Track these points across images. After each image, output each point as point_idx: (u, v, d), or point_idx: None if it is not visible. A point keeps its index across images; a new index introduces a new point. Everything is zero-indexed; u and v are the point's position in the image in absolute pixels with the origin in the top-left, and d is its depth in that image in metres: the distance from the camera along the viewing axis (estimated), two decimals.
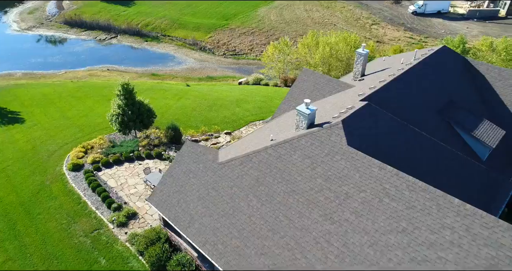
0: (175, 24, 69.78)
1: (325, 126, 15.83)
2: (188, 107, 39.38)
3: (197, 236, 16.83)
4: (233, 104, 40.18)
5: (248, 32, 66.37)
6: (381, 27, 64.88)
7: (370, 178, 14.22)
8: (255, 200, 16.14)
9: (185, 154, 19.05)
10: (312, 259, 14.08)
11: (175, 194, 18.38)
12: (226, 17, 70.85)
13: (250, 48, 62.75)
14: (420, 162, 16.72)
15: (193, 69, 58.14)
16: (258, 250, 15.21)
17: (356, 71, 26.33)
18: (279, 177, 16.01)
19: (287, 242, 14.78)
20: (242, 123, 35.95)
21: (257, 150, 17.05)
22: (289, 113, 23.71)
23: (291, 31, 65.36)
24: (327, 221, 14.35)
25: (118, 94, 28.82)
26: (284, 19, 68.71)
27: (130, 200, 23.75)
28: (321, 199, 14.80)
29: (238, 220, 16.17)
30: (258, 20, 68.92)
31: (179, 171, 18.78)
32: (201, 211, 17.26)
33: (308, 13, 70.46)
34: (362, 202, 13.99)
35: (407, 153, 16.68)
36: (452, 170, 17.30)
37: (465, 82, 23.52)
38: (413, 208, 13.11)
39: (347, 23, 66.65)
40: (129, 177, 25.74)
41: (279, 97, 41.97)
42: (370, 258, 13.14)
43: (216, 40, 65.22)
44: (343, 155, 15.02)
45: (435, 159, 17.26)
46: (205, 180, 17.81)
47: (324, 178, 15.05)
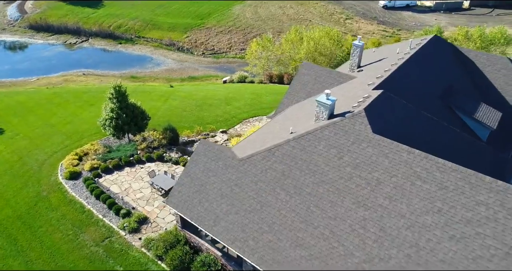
0: (148, 25, 68.12)
1: (347, 116, 16.06)
2: (178, 108, 38.65)
3: (225, 234, 16.58)
4: (222, 102, 39.85)
5: (225, 31, 65.96)
6: (355, 22, 66.54)
7: (399, 163, 14.60)
8: (283, 193, 16.12)
9: (201, 153, 18.69)
10: (349, 246, 14.27)
11: (196, 194, 18.00)
12: (201, 16, 70.05)
13: (228, 47, 62.40)
14: (434, 145, 17.30)
15: (173, 70, 57.05)
16: (292, 242, 15.21)
17: (352, 63, 26.85)
18: (306, 168, 16.08)
19: (322, 232, 14.89)
20: (235, 121, 35.72)
21: (278, 144, 17.02)
22: (295, 106, 23.85)
23: (267, 28, 65.60)
24: (361, 207, 14.59)
25: (111, 98, 27.80)
26: (260, 17, 68.88)
27: (138, 205, 23.00)
28: (352, 187, 15.02)
29: (267, 214, 16.09)
30: (234, 18, 68.64)
31: (197, 171, 18.41)
32: (226, 209, 17.01)
33: (283, 10, 71.02)
34: (394, 187, 14.34)
35: (422, 137, 17.23)
36: (461, 150, 18.06)
37: (458, 69, 24.62)
38: (445, 188, 13.60)
39: (322, 18, 67.81)
40: (132, 182, 24.91)
41: (268, 94, 42.17)
42: (409, 240, 13.51)
43: (193, 40, 64.33)
44: (370, 143, 15.31)
45: (446, 141, 17.96)
46: (227, 178, 17.57)
47: (352, 166, 15.28)
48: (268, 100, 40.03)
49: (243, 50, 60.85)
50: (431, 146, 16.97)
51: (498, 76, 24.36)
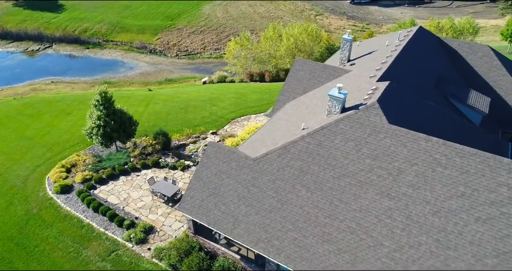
0: (116, 28, 65.71)
1: (361, 108, 16.19)
2: (161, 112, 37.54)
3: (247, 237, 16.22)
4: (207, 103, 39.14)
5: (197, 31, 64.93)
6: (325, 17, 67.75)
7: (418, 151, 14.90)
8: (304, 190, 16.00)
9: (211, 156, 18.16)
10: (378, 237, 14.40)
11: (210, 198, 17.48)
12: (171, 17, 68.52)
13: (202, 47, 61.51)
14: (439, 131, 17.83)
15: (148, 73, 55.40)
16: (318, 238, 15.13)
17: (342, 57, 27.22)
18: (324, 163, 16.05)
19: (348, 225, 14.92)
20: (223, 122, 35.18)
21: (293, 141, 16.87)
22: (293, 103, 23.80)
23: (240, 27, 65.33)
24: (385, 198, 14.76)
25: (96, 105, 26.48)
26: (231, 16, 68.42)
27: (141, 214, 22.04)
28: (373, 178, 15.16)
29: (289, 212, 15.91)
30: (205, 18, 67.71)
31: (209, 174, 17.88)
32: (245, 210, 16.65)
33: (253, 8, 70.97)
34: (416, 175, 14.63)
35: (429, 125, 17.72)
36: (463, 135, 18.75)
37: (444, 58, 25.61)
38: (467, 172, 14.04)
39: (292, 15, 68.43)
40: (130, 191, 23.84)
41: (252, 92, 41.91)
42: (436, 225, 13.82)
43: (165, 42, 62.79)
44: (387, 133, 15.52)
45: (449, 127, 18.59)
46: (242, 178, 17.19)
47: (372, 158, 15.42)
48: (253, 98, 39.77)
49: (217, 50, 60.27)
50: (438, 132, 17.47)
51: (481, 63, 25.58)
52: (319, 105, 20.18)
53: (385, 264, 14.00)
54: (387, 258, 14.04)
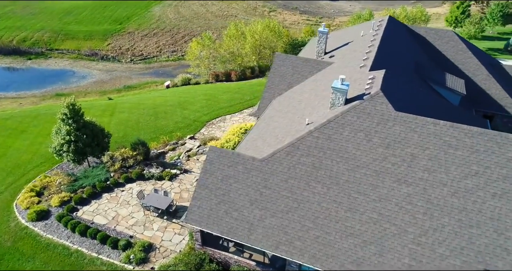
0: (60, 36, 60.92)
1: (366, 98, 16.13)
2: (130, 120, 35.33)
3: (265, 241, 15.52)
4: (177, 108, 37.53)
5: (150, 34, 62.20)
6: (279, 13, 68.20)
7: (428, 135, 15.15)
8: (319, 186, 15.62)
9: (214, 161, 17.14)
10: (401, 224, 14.43)
11: (220, 206, 16.49)
12: (119, 21, 64.95)
13: (158, 50, 59.03)
14: (433, 114, 18.40)
15: (103, 82, 51.97)
16: (342, 233, 14.86)
17: (319, 50, 27.28)
18: (336, 157, 15.79)
19: (370, 216, 14.80)
20: (198, 125, 33.90)
21: (300, 137, 16.41)
22: (280, 99, 23.36)
23: (195, 27, 63.67)
24: (403, 184, 14.84)
25: (64, 119, 24.13)
26: (184, 16, 66.43)
27: (135, 232, 20.36)
28: (388, 166, 15.18)
29: (307, 210, 15.45)
30: (156, 20, 65.06)
31: (215, 180, 16.86)
32: (260, 214, 15.91)
33: (206, 7, 69.53)
34: (430, 159, 14.86)
35: (424, 109, 18.17)
36: (453, 117, 19.52)
37: (416, 45, 26.62)
38: (477, 151, 14.50)
39: (246, 13, 68.05)
40: (118, 209, 21.97)
41: (221, 93, 40.89)
42: (456, 205, 14.14)
43: (117, 47, 59.36)
44: (395, 121, 15.61)
45: (440, 110, 19.26)
46: (252, 181, 16.41)
47: (384, 146, 15.43)
48: (224, 99, 38.81)
49: (174, 52, 58.23)
50: (432, 116, 18.01)
51: (448, 47, 26.95)
52: (314, 99, 19.94)
53: (412, 250, 14.06)
54: (414, 244, 14.12)
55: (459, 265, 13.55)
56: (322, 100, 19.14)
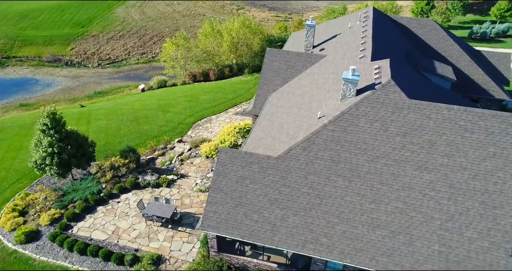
0: (17, 42, 56.67)
1: (377, 88, 15.97)
2: (110, 128, 33.38)
3: (290, 242, 14.95)
4: (159, 111, 35.99)
5: (116, 36, 59.43)
6: (248, 11, 67.61)
7: (443, 121, 15.23)
8: (340, 179, 15.28)
9: (226, 162, 16.30)
10: (427, 211, 14.40)
11: (237, 208, 15.70)
12: (81, 24, 61.52)
13: (126, 53, 56.51)
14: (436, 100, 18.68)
15: (71, 89, 48.93)
16: (368, 225, 14.60)
17: (307, 44, 27.08)
18: (354, 148, 15.51)
19: (395, 206, 14.66)
20: (184, 128, 32.68)
21: (315, 131, 15.98)
22: (277, 95, 22.85)
23: (162, 28, 61.63)
24: (424, 171, 14.82)
25: (44, 130, 22.25)
26: (150, 17, 64.10)
27: (140, 245, 19.06)
28: (407, 154, 15.11)
29: (331, 206, 15.06)
30: (121, 22, 62.26)
31: (229, 183, 16.03)
32: (281, 213, 15.31)
33: (172, 7, 67.53)
34: (448, 144, 14.95)
35: (427, 95, 18.39)
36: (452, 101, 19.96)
37: (401, 34, 27.06)
38: (492, 133, 14.76)
39: (214, 11, 66.86)
40: (117, 221, 20.49)
41: (202, 93, 39.72)
42: (478, 188, 14.31)
43: (81, 51, 56.17)
44: (409, 109, 15.57)
45: (438, 95, 19.58)
46: (269, 180, 15.77)
47: (401, 135, 15.34)
48: (207, 99, 37.70)
49: (144, 54, 56.07)
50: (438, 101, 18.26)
51: (430, 36, 27.65)
52: (317, 92, 19.59)
53: (440, 236, 14.06)
54: (441, 230, 14.13)
55: (487, 246, 13.71)
56: (327, 92, 18.83)
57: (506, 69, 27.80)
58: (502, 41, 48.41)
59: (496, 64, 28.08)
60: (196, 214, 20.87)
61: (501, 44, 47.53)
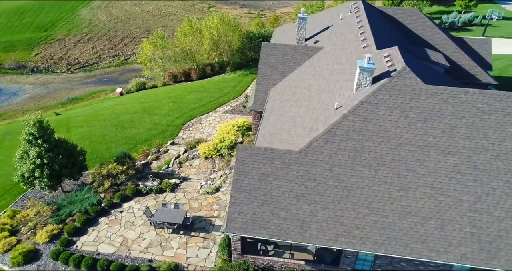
0: None
1: (393, 75, 15.88)
2: (93, 135, 31.52)
3: (322, 237, 14.52)
4: (143, 114, 34.42)
5: (84, 39, 56.44)
6: (219, 9, 66.52)
7: (461, 104, 15.39)
8: (366, 169, 15.04)
9: (246, 160, 15.60)
10: (455, 194, 14.48)
11: (263, 207, 15.06)
12: (43, 28, 57.88)
13: (97, 56, 53.79)
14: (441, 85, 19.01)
15: (41, 96, 45.84)
16: (399, 213, 14.47)
17: (300, 37, 26.82)
18: (377, 137, 15.33)
19: (424, 192, 14.63)
20: (174, 130, 31.46)
21: (335, 122, 15.64)
22: (278, 90, 22.36)
23: (132, 28, 59.29)
24: (448, 155, 14.90)
25: (31, 140, 20.52)
26: (118, 18, 61.43)
27: (153, 255, 17.93)
28: (430, 139, 15.13)
29: (359, 197, 14.79)
30: (87, 24, 59.22)
31: (252, 181, 15.34)
32: (310, 209, 14.85)
33: (140, 7, 65.12)
34: (468, 127, 15.11)
35: (434, 80, 18.60)
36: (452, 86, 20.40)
37: (390, 24, 27.41)
38: (509, 114, 15.09)
39: (185, 10, 65.23)
40: (124, 232, 19.18)
41: (186, 93, 38.45)
42: (501, 168, 14.58)
43: (47, 56, 52.83)
44: (427, 94, 15.60)
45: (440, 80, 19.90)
46: (293, 176, 15.25)
47: (422, 121, 15.34)
48: (192, 99, 36.52)
49: (116, 56, 53.68)
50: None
51: (417, 25, 28.23)
52: (325, 84, 19.29)
53: (470, 218, 14.19)
54: (471, 212, 14.26)
55: None
56: (337, 83, 18.58)
57: (488, 55, 28.92)
58: (469, 29, 50.74)
59: (478, 50, 29.13)
60: (207, 217, 19.99)
61: (469, 32, 49.79)
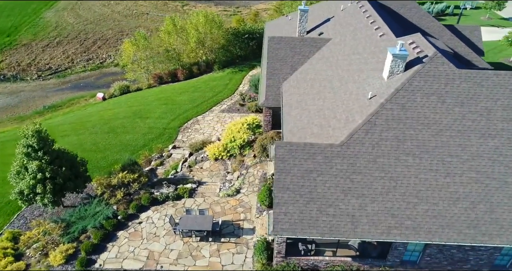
0: None
1: (425, 61, 15.67)
2: (84, 143, 29.38)
3: (374, 231, 14.04)
4: (135, 118, 32.58)
5: (53, 43, 52.89)
6: (193, 7, 64.79)
7: (494, 86, 15.45)
8: (410, 158, 14.73)
9: (286, 157, 14.80)
10: (500, 177, 14.49)
11: (310, 205, 14.34)
12: (5, 33, 53.65)
13: (69, 61, 50.52)
14: None
15: (12, 107, 42.26)
16: (449, 199, 14.29)
17: (301, 29, 26.27)
18: (417, 124, 15.07)
19: (469, 177, 14.53)
20: (172, 132, 30.03)
21: (373, 112, 15.20)
22: (291, 84, 21.71)
23: (105, 30, 56.34)
24: (488, 138, 14.90)
25: (30, 153, 18.69)
26: (88, 20, 58.12)
27: (185, 266, 16.72)
28: (469, 123, 15.07)
29: (407, 187, 14.45)
30: (55, 27, 55.56)
31: (294, 179, 14.58)
32: (359, 203, 14.33)
33: (109, 7, 62.02)
34: (504, 109, 15.19)
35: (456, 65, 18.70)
36: None
37: (388, 14, 27.51)
38: None
39: (158, 9, 62.91)
40: (148, 245, 17.77)
41: (176, 94, 36.93)
42: None
43: (14, 63, 48.97)
44: (461, 78, 15.52)
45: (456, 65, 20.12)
46: (337, 170, 14.65)
47: (459, 105, 15.25)
48: (185, 100, 35.07)
49: (90, 60, 50.76)
50: None
51: (412, 14, 28.55)
52: (348, 75, 18.84)
53: None
54: None
55: None
56: (361, 73, 18.18)
57: (479, 41, 29.82)
58: (443, 19, 52.61)
59: (469, 37, 29.98)
60: (234, 220, 18.99)
61: (443, 21, 51.54)
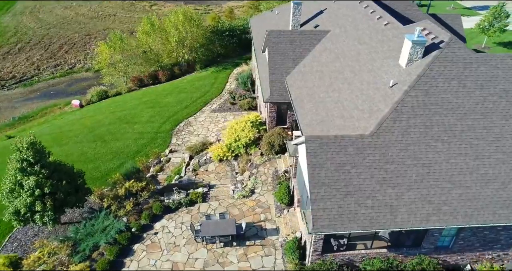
0: None
1: (442, 46, 15.72)
2: (71, 154, 27.38)
3: (413, 219, 13.87)
4: (121, 124, 30.85)
5: (14, 50, 49.12)
6: (162, 6, 62.70)
7: (509, 68, 15.76)
8: (439, 143, 14.71)
9: (318, 152, 14.27)
10: None
11: (347, 199, 13.93)
12: None
13: (35, 68, 47.12)
14: None
15: None
16: (480, 182, 14.40)
17: (295, 22, 25.90)
18: (442, 109, 15.07)
19: (497, 158, 14.73)
20: (165, 136, 28.73)
21: (398, 100, 15.03)
22: (296, 77, 21.24)
23: (70, 33, 53.13)
24: (510, 119, 15.12)
25: (25, 167, 17.03)
26: (50, 23, 54.51)
27: None
28: (490, 106, 15.28)
29: (439, 172, 14.41)
30: (14, 33, 51.63)
31: (328, 173, 14.09)
32: (395, 192, 14.10)
33: (72, 10, 58.55)
34: None
35: None
36: None
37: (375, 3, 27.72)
38: None
39: (126, 10, 60.26)
40: (170, 256, 16.64)
41: (162, 96, 35.40)
42: None
43: None
44: (478, 62, 15.70)
45: None
46: (370, 161, 14.34)
47: (479, 88, 15.43)
48: (172, 102, 33.69)
49: (58, 66, 47.71)
50: None
51: (399, 4, 28.92)
52: (358, 64, 18.62)
53: None
54: None
55: None
56: (374, 62, 18.02)
57: (460, 28, 30.80)
58: None
59: (451, 24, 30.96)
60: (255, 222, 18.26)
61: None
